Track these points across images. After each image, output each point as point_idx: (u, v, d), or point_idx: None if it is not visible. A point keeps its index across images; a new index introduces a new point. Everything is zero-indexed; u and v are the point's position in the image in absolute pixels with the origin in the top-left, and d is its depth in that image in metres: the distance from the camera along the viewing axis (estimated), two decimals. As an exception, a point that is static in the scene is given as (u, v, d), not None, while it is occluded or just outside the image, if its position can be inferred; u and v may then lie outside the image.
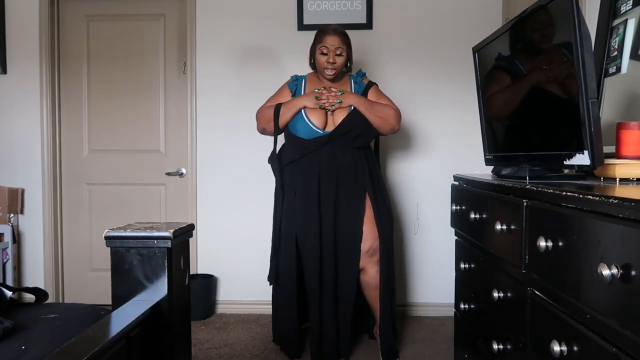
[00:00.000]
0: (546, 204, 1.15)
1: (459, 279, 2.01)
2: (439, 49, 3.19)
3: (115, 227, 1.49)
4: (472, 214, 1.67)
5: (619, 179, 1.34)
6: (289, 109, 2.45)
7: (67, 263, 3.46)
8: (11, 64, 3.34)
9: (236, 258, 3.29)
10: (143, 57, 3.37)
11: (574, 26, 1.27)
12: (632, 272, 0.80)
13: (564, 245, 1.04)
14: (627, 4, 1.76)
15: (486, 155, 2.01)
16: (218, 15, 3.26)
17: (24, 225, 3.39)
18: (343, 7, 3.19)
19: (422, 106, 3.20)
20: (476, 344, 1.73)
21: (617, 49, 1.78)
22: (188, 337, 1.69)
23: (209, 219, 3.31)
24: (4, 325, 1.28)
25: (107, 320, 1.30)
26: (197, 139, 3.29)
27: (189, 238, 1.65)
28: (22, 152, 3.35)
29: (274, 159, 2.51)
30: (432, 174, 3.21)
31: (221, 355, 2.60)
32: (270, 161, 2.54)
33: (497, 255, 1.50)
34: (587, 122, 1.26)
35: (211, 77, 3.27)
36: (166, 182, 3.40)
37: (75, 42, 3.40)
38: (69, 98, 3.42)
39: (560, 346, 1.03)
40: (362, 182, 2.44)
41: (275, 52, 3.24)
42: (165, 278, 1.45)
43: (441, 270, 3.17)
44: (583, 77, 1.26)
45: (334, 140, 2.42)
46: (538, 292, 1.21)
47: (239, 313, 3.28)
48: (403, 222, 3.26)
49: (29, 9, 3.30)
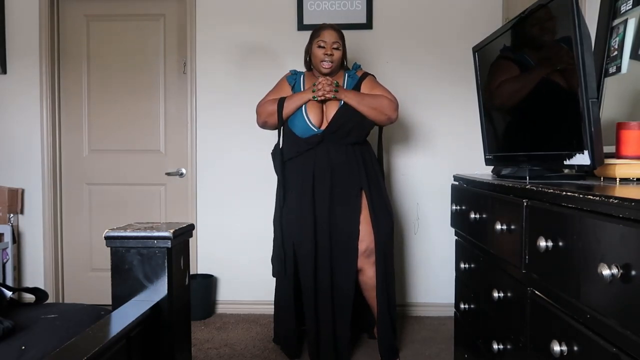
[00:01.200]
0: (546, 204, 1.15)
1: (459, 279, 2.01)
2: (439, 48, 3.19)
3: (115, 227, 1.49)
4: (472, 214, 1.67)
5: (619, 179, 1.34)
6: (293, 102, 2.44)
7: (67, 263, 3.46)
8: (11, 64, 3.34)
9: (236, 258, 3.29)
10: (143, 57, 3.37)
11: (574, 26, 1.27)
12: (632, 272, 0.80)
13: (564, 245, 1.04)
14: (627, 4, 1.76)
15: (486, 155, 2.01)
16: (218, 15, 3.26)
17: (24, 225, 3.39)
18: (343, 7, 3.19)
19: (422, 106, 3.21)
20: (476, 344, 1.73)
21: (617, 49, 1.78)
22: (188, 337, 1.69)
23: (209, 219, 3.31)
24: (4, 325, 1.28)
25: (107, 320, 1.30)
26: (197, 138, 3.29)
27: (189, 238, 1.65)
28: (22, 152, 3.36)
29: (277, 152, 2.50)
30: (432, 173, 3.21)
31: (221, 355, 2.60)
32: (273, 155, 2.53)
33: (497, 255, 1.50)
34: (587, 122, 1.26)
35: (211, 77, 3.28)
36: (166, 182, 3.40)
37: (75, 42, 3.40)
38: (69, 98, 3.43)
39: (560, 346, 1.03)
40: (358, 179, 2.42)
41: (275, 52, 3.24)
42: (165, 278, 1.45)
43: (441, 270, 3.17)
44: (583, 77, 1.26)
45: (327, 138, 2.41)
46: (538, 292, 1.21)
47: (239, 313, 3.28)
48: (403, 222, 3.26)
49: (29, 9, 3.31)
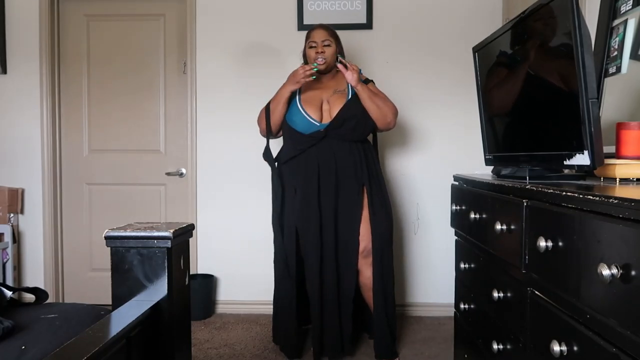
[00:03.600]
0: (546, 204, 1.15)
1: (459, 279, 2.01)
2: (439, 48, 3.19)
3: (115, 227, 1.49)
4: (472, 214, 1.67)
5: (619, 179, 1.34)
6: (277, 102, 2.48)
7: (67, 263, 3.46)
8: (11, 64, 3.34)
9: (236, 258, 3.29)
10: (143, 57, 3.37)
11: (574, 26, 1.27)
12: (632, 272, 0.80)
13: (564, 245, 1.04)
14: (627, 4, 1.76)
15: (486, 155, 2.01)
16: (218, 15, 3.26)
17: (24, 225, 3.39)
18: (343, 7, 3.18)
19: (422, 106, 3.21)
20: (476, 344, 1.73)
21: (617, 49, 1.78)
22: (188, 337, 1.69)
23: (209, 219, 3.31)
24: (4, 325, 1.28)
25: (107, 320, 1.30)
26: (197, 139, 3.29)
27: (189, 238, 1.65)
28: (22, 152, 3.35)
29: (269, 155, 2.56)
30: (432, 174, 3.21)
31: (221, 355, 2.60)
32: (265, 157, 2.58)
33: (497, 255, 1.50)
34: (587, 122, 1.26)
35: (211, 77, 3.27)
36: (166, 182, 3.40)
37: (75, 42, 3.40)
38: (69, 98, 3.43)
39: (560, 346, 1.03)
40: (361, 176, 2.44)
41: (275, 52, 3.24)
42: (165, 278, 1.45)
43: (441, 270, 3.17)
44: (583, 77, 1.26)
45: (330, 133, 2.42)
46: (538, 292, 1.21)
47: (239, 313, 3.28)
48: (403, 222, 3.26)
49: (29, 9, 3.30)
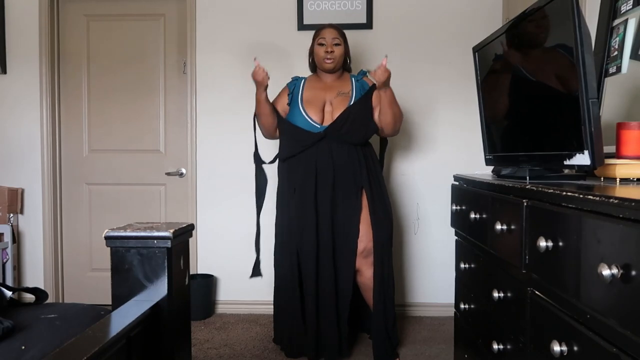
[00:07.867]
0: (546, 204, 1.15)
1: (459, 279, 2.01)
2: (439, 49, 3.19)
3: (115, 227, 1.49)
4: (472, 214, 1.67)
5: (619, 179, 1.34)
6: (257, 104, 2.51)
7: (67, 263, 3.46)
8: (11, 64, 3.34)
9: (236, 258, 3.29)
10: (143, 56, 3.37)
11: (574, 26, 1.27)
12: (632, 272, 0.80)
13: (564, 245, 1.04)
14: (627, 4, 1.76)
15: (486, 155, 2.01)
16: (218, 15, 3.26)
17: (24, 225, 3.39)
18: (343, 7, 3.19)
19: (422, 106, 3.20)
20: (476, 344, 1.73)
21: (617, 49, 1.78)
22: (188, 337, 1.69)
23: (209, 219, 3.31)
24: (4, 325, 1.28)
25: (107, 320, 1.30)
26: (197, 139, 3.29)
27: (189, 238, 1.65)
28: (22, 152, 3.35)
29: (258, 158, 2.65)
30: (432, 174, 3.21)
31: (221, 355, 2.60)
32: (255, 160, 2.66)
33: (497, 255, 1.50)
34: (587, 122, 1.26)
35: (211, 77, 3.27)
36: (166, 182, 3.40)
37: (75, 42, 3.40)
38: (69, 98, 3.43)
39: (560, 346, 1.03)
40: (359, 179, 2.43)
41: (276, 52, 3.24)
42: (165, 278, 1.45)
43: (441, 270, 3.17)
44: (583, 77, 1.26)
45: (330, 135, 2.42)
46: (538, 292, 1.21)
47: (239, 313, 3.28)
48: (403, 222, 3.26)
49: (28, 9, 3.30)
